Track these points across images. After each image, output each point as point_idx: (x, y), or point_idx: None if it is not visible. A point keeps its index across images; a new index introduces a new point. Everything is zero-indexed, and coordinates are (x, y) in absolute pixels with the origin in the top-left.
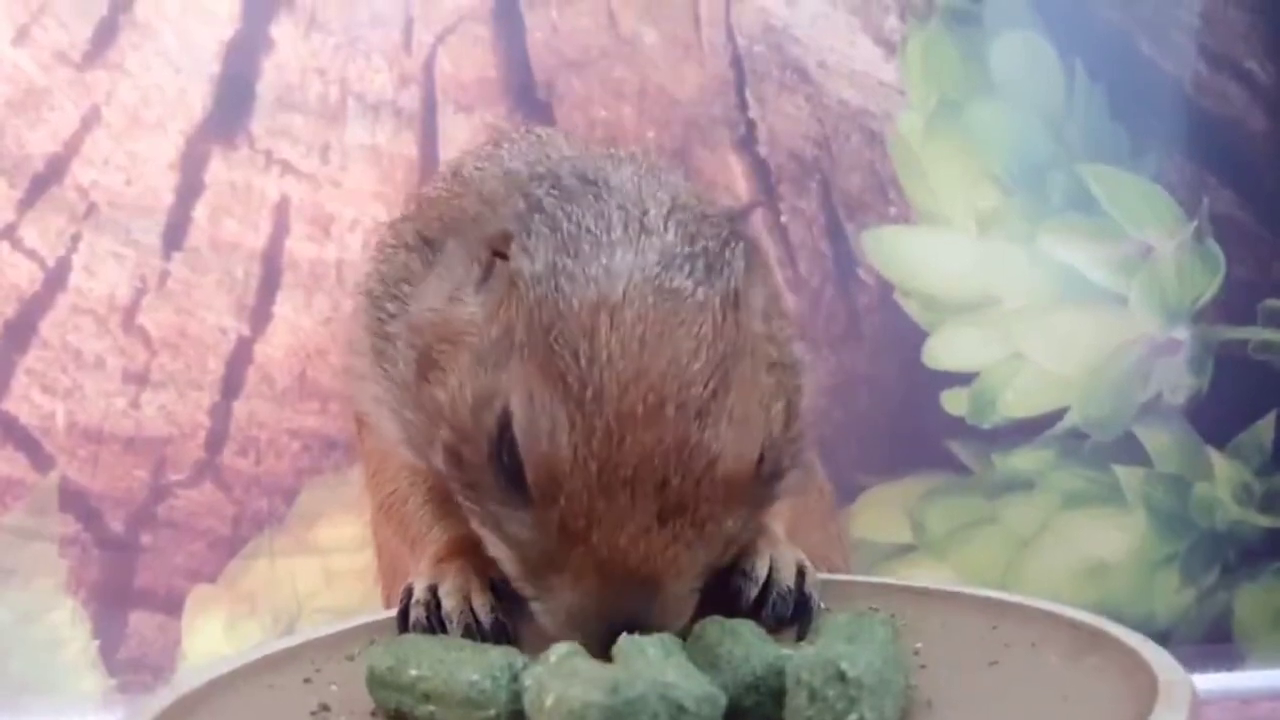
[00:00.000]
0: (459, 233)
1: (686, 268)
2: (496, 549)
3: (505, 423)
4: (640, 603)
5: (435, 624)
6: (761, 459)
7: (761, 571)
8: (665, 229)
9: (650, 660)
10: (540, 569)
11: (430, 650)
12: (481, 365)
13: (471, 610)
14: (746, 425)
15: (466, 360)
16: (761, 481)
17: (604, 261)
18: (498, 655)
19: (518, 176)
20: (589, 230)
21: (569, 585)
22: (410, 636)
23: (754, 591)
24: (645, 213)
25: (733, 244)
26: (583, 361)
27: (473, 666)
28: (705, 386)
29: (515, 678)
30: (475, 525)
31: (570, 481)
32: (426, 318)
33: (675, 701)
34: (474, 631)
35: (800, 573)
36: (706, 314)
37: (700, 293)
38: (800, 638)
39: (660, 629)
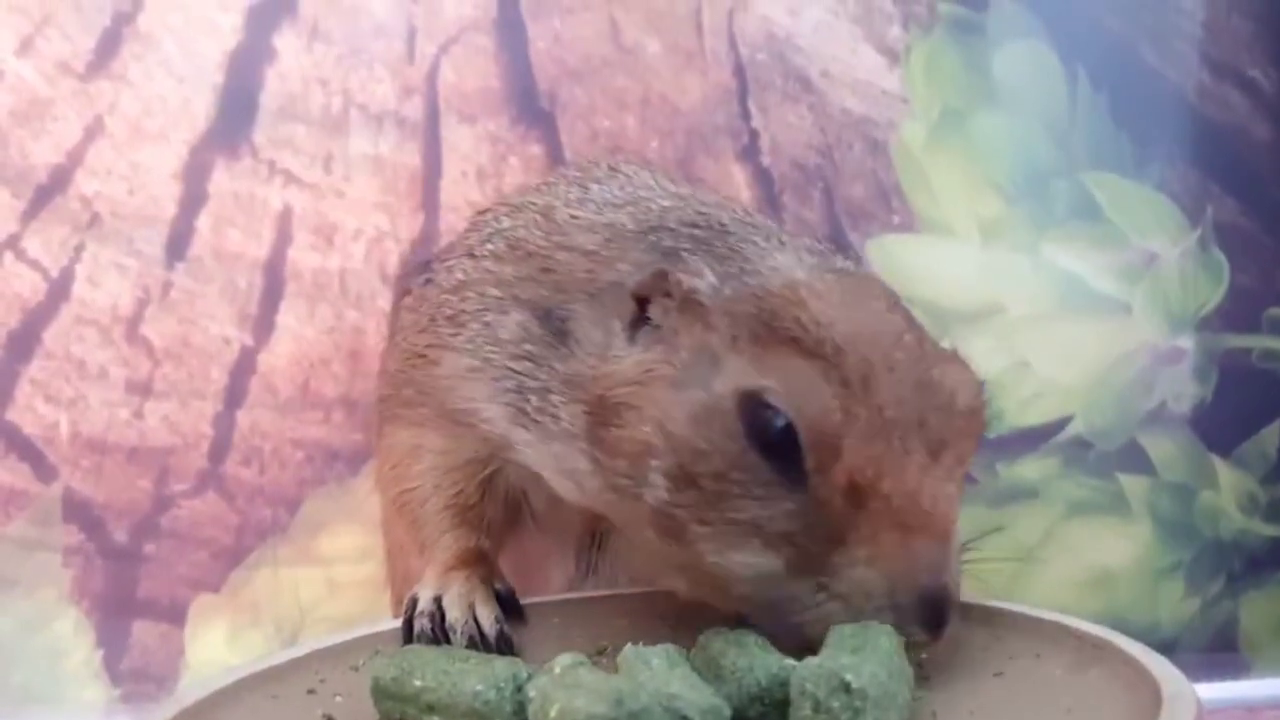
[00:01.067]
0: (581, 298)
1: (840, 264)
2: (753, 561)
3: (752, 408)
4: (940, 554)
5: (440, 634)
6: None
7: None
8: (797, 244)
9: (655, 671)
10: (819, 555)
11: (434, 661)
12: (682, 387)
13: (476, 621)
14: (964, 364)
15: (661, 391)
16: None
17: (768, 261)
18: (502, 666)
19: (623, 229)
20: (735, 250)
21: (863, 558)
22: (414, 647)
23: None
24: (770, 236)
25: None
26: (806, 323)
27: (477, 677)
28: (914, 333)
29: (520, 688)
30: (712, 555)
31: (849, 432)
32: (586, 374)
33: (679, 713)
34: (478, 642)
35: None
36: (875, 283)
37: (859, 270)
38: None
39: (952, 597)
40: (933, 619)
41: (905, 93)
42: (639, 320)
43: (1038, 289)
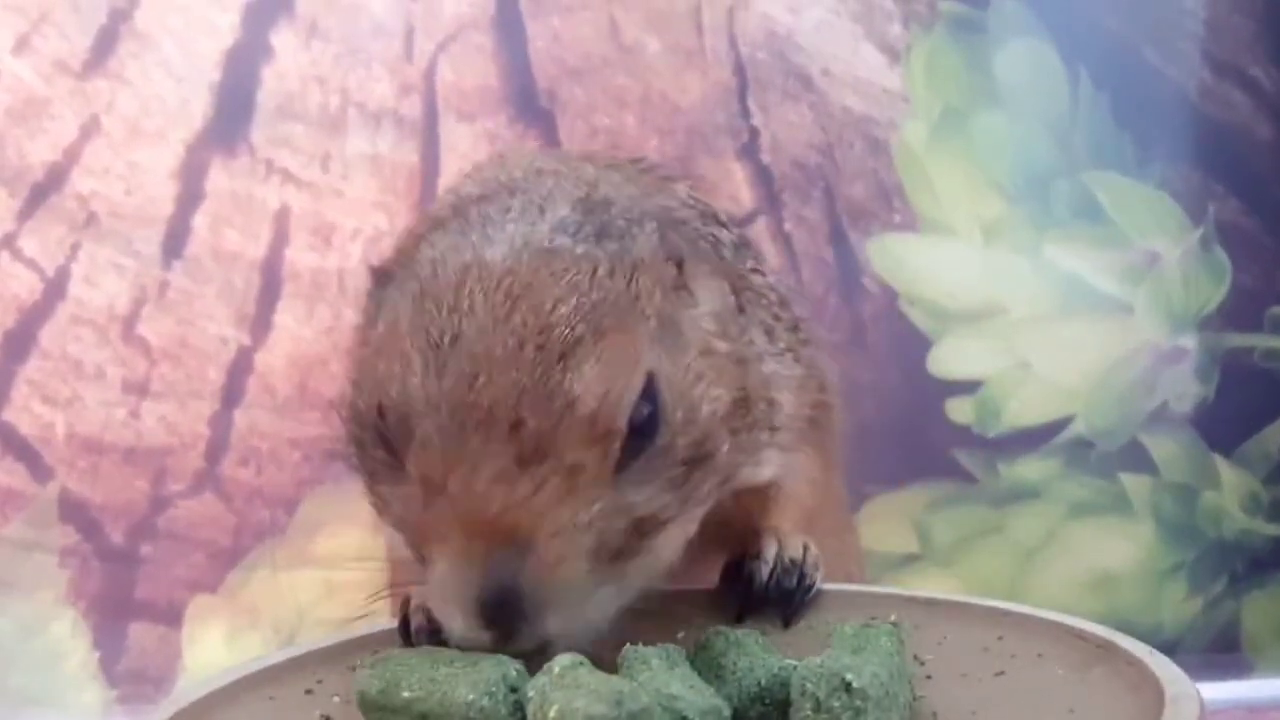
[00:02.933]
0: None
1: (575, 232)
2: (398, 539)
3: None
4: (510, 561)
5: (434, 628)
6: (672, 433)
7: (770, 553)
8: (564, 208)
9: (654, 671)
10: (422, 545)
11: (419, 668)
12: (367, 364)
13: None
14: (617, 375)
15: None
16: (678, 457)
17: (488, 231)
18: (490, 669)
19: (469, 197)
20: (487, 218)
21: (436, 556)
22: (395, 654)
23: (765, 571)
24: (549, 199)
25: (647, 228)
26: (444, 312)
27: (467, 685)
28: (571, 330)
29: (512, 689)
30: (387, 525)
31: (422, 424)
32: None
33: (679, 713)
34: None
35: (804, 549)
36: (586, 268)
37: (582, 249)
38: (787, 620)
39: (541, 601)
40: (489, 621)
41: (906, 92)
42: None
43: (1039, 289)
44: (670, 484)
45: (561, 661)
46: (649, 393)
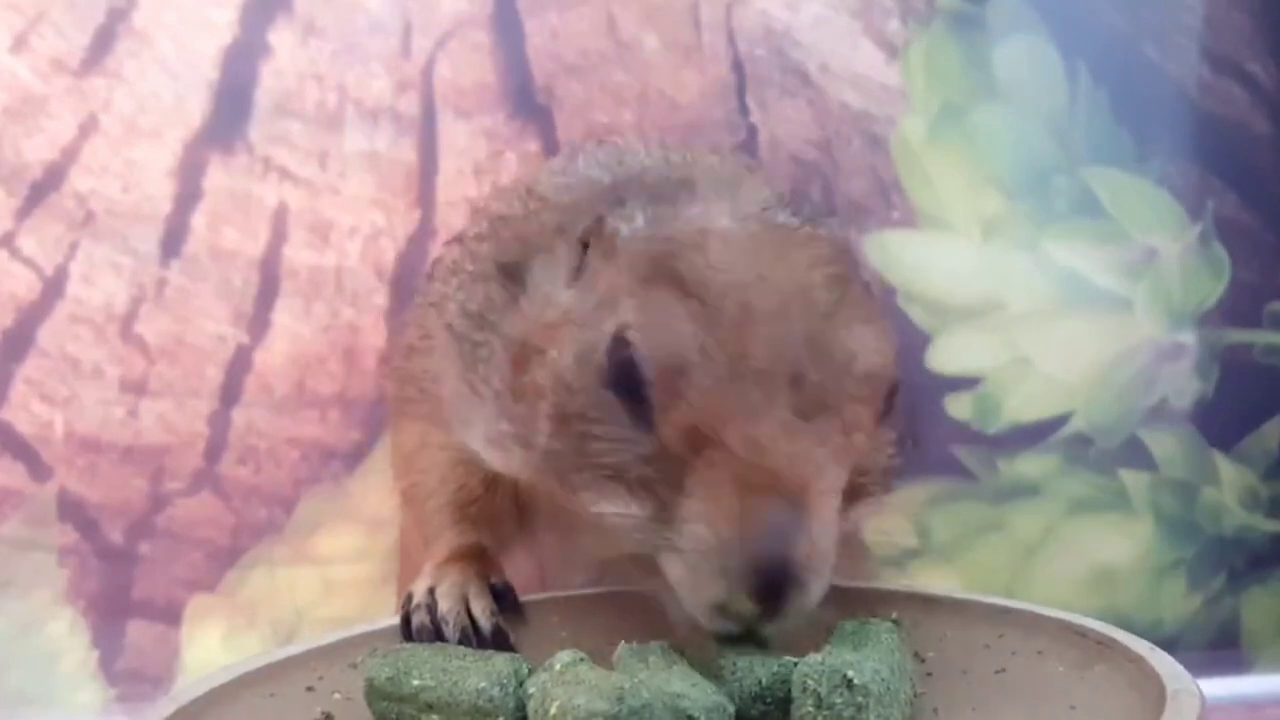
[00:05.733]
0: (543, 249)
1: (790, 214)
2: (620, 511)
3: (614, 346)
4: (790, 524)
5: (436, 627)
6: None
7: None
8: (761, 191)
9: (653, 669)
10: (669, 506)
11: (431, 659)
12: (584, 328)
13: (470, 614)
14: (882, 335)
15: (567, 333)
16: (900, 430)
17: (698, 208)
18: (503, 662)
19: (599, 184)
20: (679, 198)
21: (698, 512)
22: (409, 646)
23: None
24: (734, 182)
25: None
26: (699, 266)
27: (479, 674)
28: (829, 292)
29: (522, 684)
30: (590, 505)
31: (697, 372)
32: (520, 328)
33: (684, 712)
34: (470, 635)
35: None
36: (819, 243)
37: (807, 229)
38: None
39: (814, 569)
40: (762, 590)
41: (905, 87)
42: (581, 267)
43: (1038, 285)
44: (887, 459)
45: (562, 658)
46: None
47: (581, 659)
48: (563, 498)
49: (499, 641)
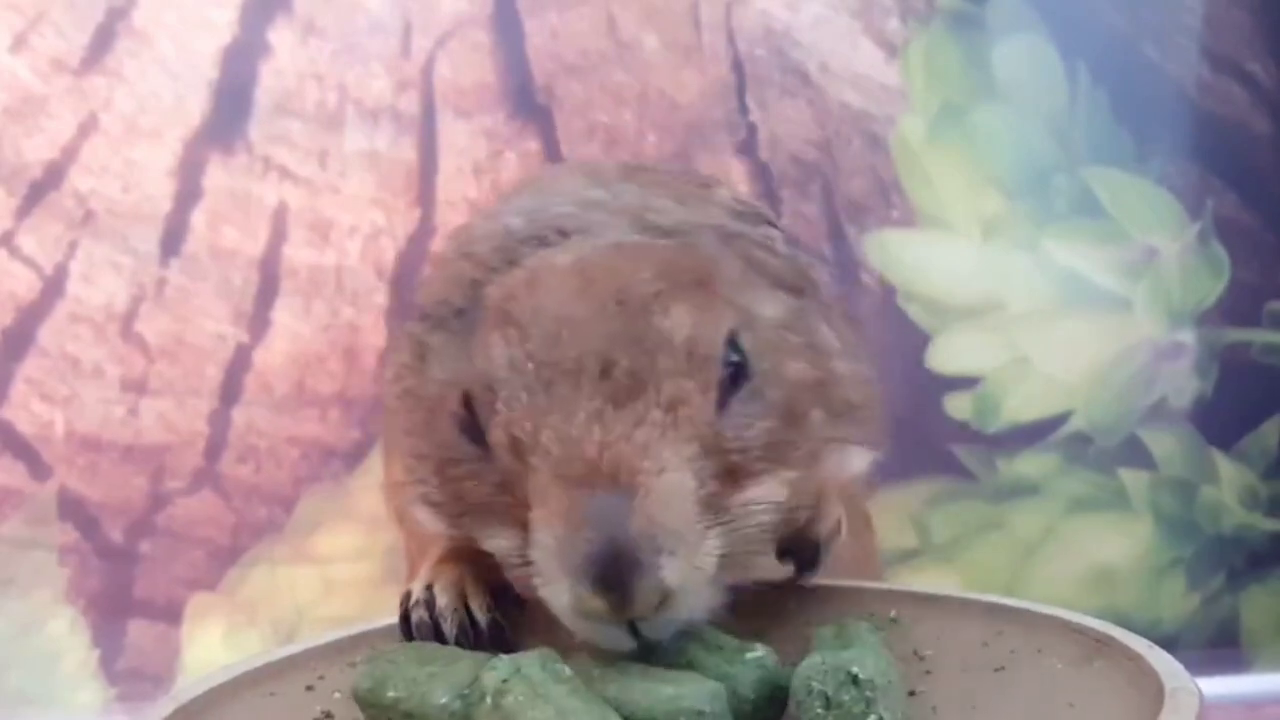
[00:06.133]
0: (456, 304)
1: (645, 228)
2: (498, 543)
3: (465, 393)
4: (614, 508)
5: (435, 623)
6: (762, 382)
7: (833, 512)
8: (621, 236)
9: (620, 675)
10: (523, 526)
11: (405, 668)
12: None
13: (468, 610)
14: (705, 313)
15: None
16: (772, 406)
17: (547, 256)
18: (465, 669)
19: (512, 236)
20: (555, 243)
21: (538, 520)
22: (388, 653)
23: (827, 528)
24: (601, 234)
25: (706, 237)
26: (523, 302)
27: (443, 687)
28: (651, 286)
29: (484, 695)
30: (486, 544)
31: (506, 386)
32: (426, 389)
33: (694, 710)
34: (468, 630)
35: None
36: (656, 250)
37: (647, 243)
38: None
39: (656, 548)
40: (601, 579)
41: (904, 87)
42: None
43: (1038, 284)
44: (765, 433)
45: (528, 669)
46: (734, 343)
47: (547, 664)
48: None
49: (495, 636)
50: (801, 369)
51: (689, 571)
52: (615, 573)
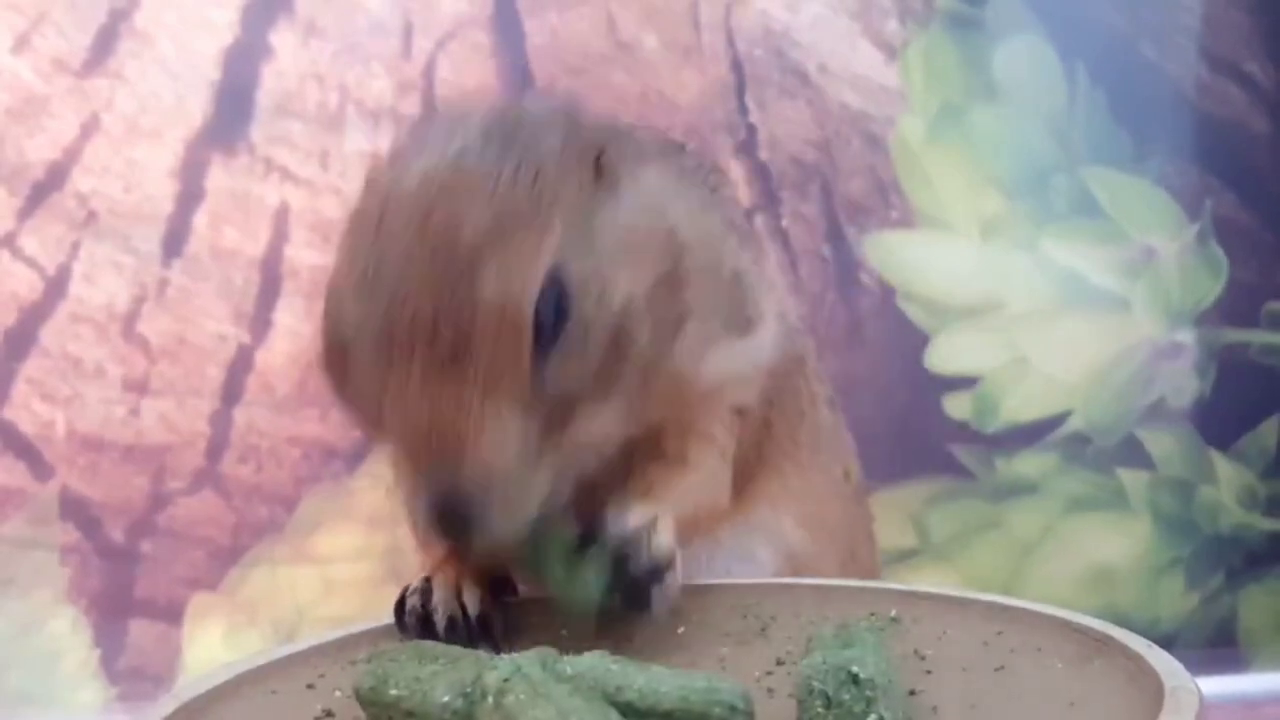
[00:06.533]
0: None
1: (480, 150)
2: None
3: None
4: (450, 462)
5: (428, 615)
6: (586, 320)
7: (641, 517)
8: (474, 130)
9: (641, 669)
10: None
11: (407, 666)
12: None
13: (461, 604)
14: (518, 271)
15: None
16: (595, 341)
17: (406, 165)
18: (468, 667)
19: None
20: (409, 156)
21: (400, 478)
22: (390, 651)
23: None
24: (461, 125)
25: (554, 129)
26: (368, 243)
27: (444, 685)
28: (476, 235)
29: (486, 694)
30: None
31: (355, 347)
32: None
33: (728, 704)
34: (459, 622)
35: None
36: (489, 178)
37: (487, 163)
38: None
39: (484, 502)
40: (448, 528)
41: (903, 88)
42: None
43: (1037, 284)
44: (589, 370)
45: (527, 669)
46: (556, 284)
47: (548, 664)
48: None
49: (484, 631)
50: (637, 281)
51: (513, 510)
52: (455, 528)
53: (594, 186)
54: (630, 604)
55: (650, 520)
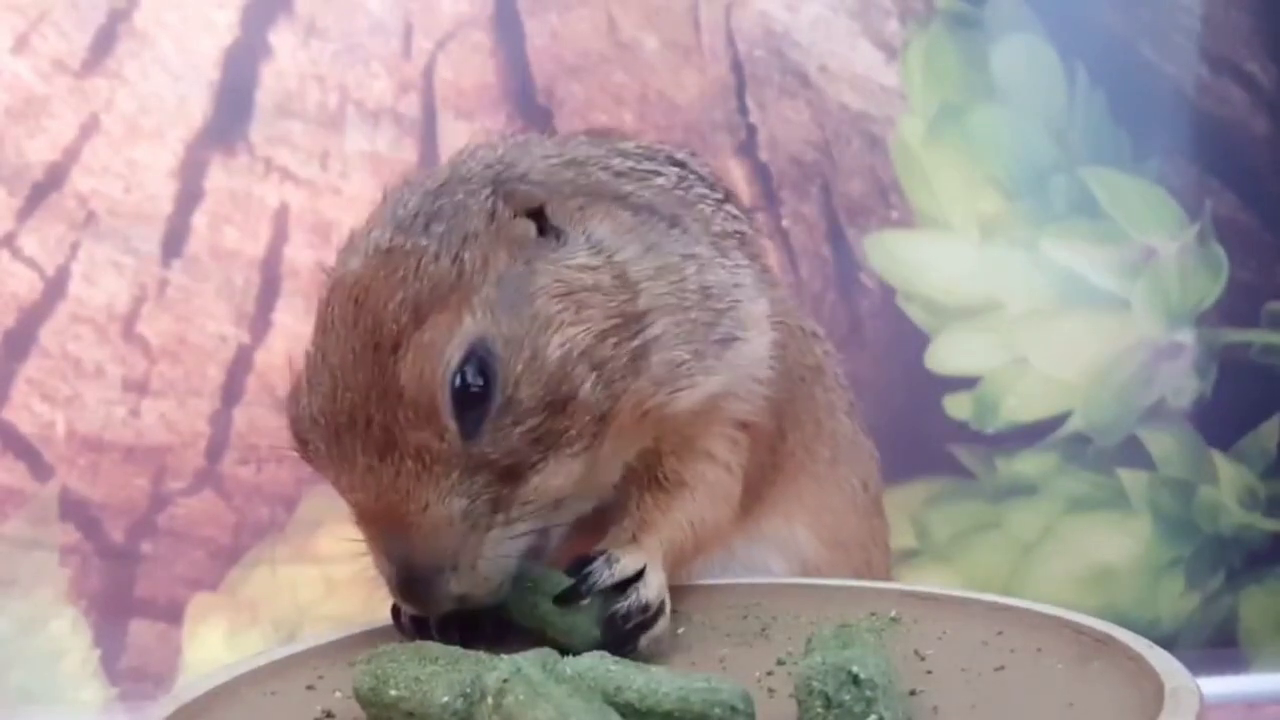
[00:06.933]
0: None
1: (410, 226)
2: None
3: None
4: (398, 544)
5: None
6: (513, 387)
7: (630, 567)
8: (413, 203)
9: (652, 672)
10: None
11: (407, 666)
12: None
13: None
14: (433, 355)
15: None
16: (528, 406)
17: (355, 243)
18: (468, 667)
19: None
20: (365, 230)
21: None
22: (389, 652)
23: (603, 577)
24: (412, 192)
25: (482, 195)
26: (321, 329)
27: (444, 686)
28: (397, 323)
29: (485, 695)
30: None
31: (312, 437)
32: None
33: (727, 704)
34: (451, 624)
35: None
36: (412, 260)
37: (412, 243)
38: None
39: (435, 570)
40: (407, 595)
41: (903, 88)
42: None
43: (1036, 284)
44: (529, 433)
45: (525, 670)
46: (479, 358)
47: (548, 664)
48: None
49: (469, 633)
50: (574, 337)
51: (470, 575)
52: (414, 593)
53: (533, 245)
54: (618, 649)
55: (638, 570)
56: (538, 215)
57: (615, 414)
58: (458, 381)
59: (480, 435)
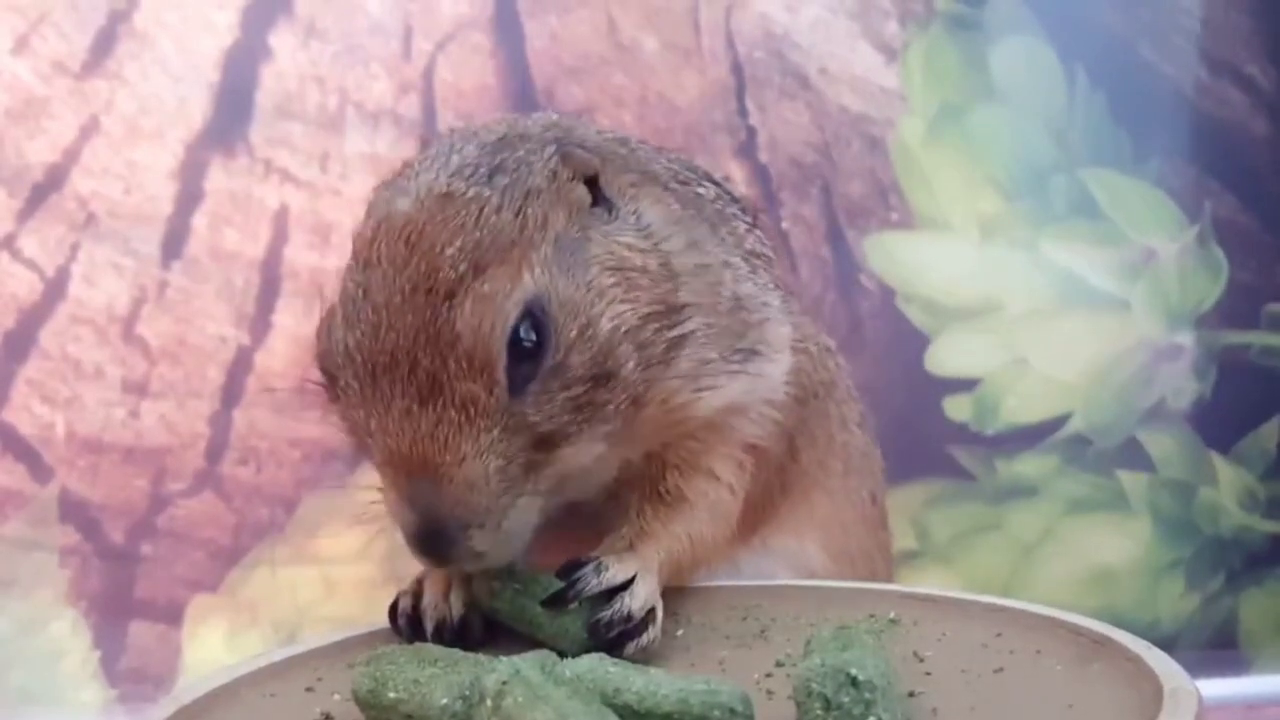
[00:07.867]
0: None
1: (471, 174)
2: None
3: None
4: (426, 493)
5: (419, 617)
6: (565, 352)
7: (619, 575)
8: (471, 152)
9: (651, 674)
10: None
11: (406, 669)
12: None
13: (449, 606)
14: (493, 307)
15: None
16: (576, 374)
17: (402, 184)
18: (467, 669)
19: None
20: (408, 174)
21: (383, 490)
22: (387, 654)
23: (591, 584)
24: (467, 142)
25: (546, 153)
26: (361, 267)
27: (443, 688)
28: (455, 270)
29: (484, 697)
30: None
31: (344, 374)
32: None
33: (727, 706)
34: (447, 622)
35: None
36: (474, 208)
37: (474, 190)
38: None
39: (462, 524)
40: (425, 547)
41: (903, 89)
42: None
43: (1036, 286)
44: (571, 401)
45: (524, 673)
46: (535, 317)
47: (546, 667)
48: None
49: (465, 632)
50: (623, 314)
51: (493, 536)
52: (434, 546)
53: (587, 214)
54: (607, 651)
55: (629, 578)
56: (592, 184)
57: (646, 402)
58: (516, 335)
59: (525, 395)
